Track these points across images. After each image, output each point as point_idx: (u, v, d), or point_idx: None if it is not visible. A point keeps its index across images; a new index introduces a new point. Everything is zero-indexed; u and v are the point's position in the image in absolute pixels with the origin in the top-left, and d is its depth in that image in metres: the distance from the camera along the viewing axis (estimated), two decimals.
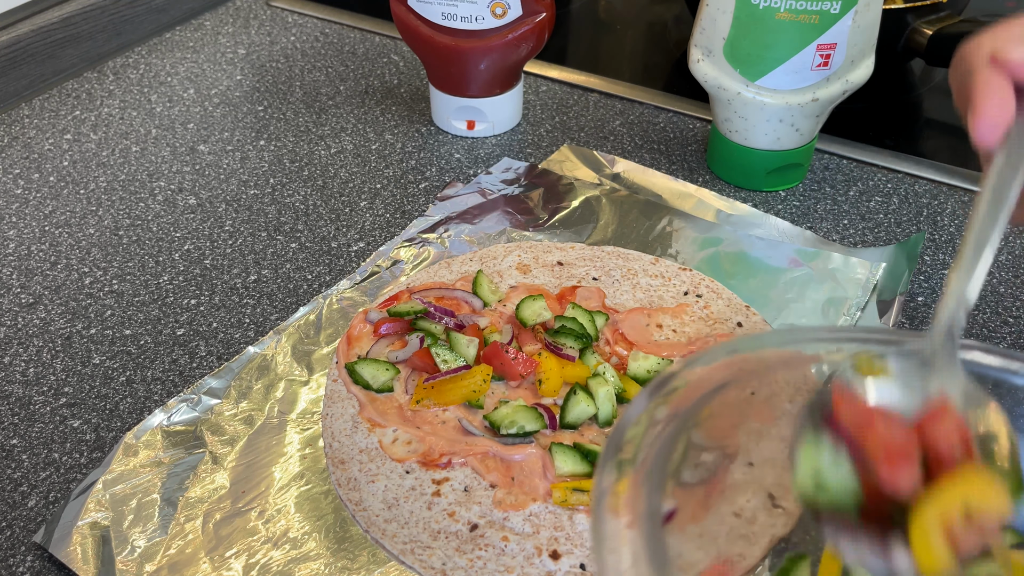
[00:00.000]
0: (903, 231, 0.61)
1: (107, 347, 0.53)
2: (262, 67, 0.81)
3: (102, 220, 0.63)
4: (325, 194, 0.65)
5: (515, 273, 0.56)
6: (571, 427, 0.46)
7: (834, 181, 0.66)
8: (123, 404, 0.50)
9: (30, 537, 0.43)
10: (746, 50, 0.59)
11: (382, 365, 0.49)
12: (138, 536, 0.42)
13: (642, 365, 0.49)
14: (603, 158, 0.67)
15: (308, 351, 0.52)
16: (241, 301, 0.56)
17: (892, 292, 0.54)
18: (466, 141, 0.71)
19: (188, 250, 0.60)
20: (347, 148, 0.70)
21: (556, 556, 0.41)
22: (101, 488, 0.44)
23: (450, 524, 0.42)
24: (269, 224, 0.63)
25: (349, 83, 0.79)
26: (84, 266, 0.59)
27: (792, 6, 0.56)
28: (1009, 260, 0.59)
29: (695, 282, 0.55)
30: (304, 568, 0.41)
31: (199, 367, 0.52)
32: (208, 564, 0.41)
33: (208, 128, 0.73)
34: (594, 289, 0.55)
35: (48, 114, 0.75)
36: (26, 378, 0.51)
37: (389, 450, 0.45)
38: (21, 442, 0.48)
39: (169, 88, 0.78)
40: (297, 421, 0.48)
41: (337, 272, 0.59)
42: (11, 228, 0.63)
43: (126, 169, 0.68)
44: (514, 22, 0.66)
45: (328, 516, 0.43)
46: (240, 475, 0.45)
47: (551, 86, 0.78)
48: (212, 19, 0.89)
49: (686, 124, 0.73)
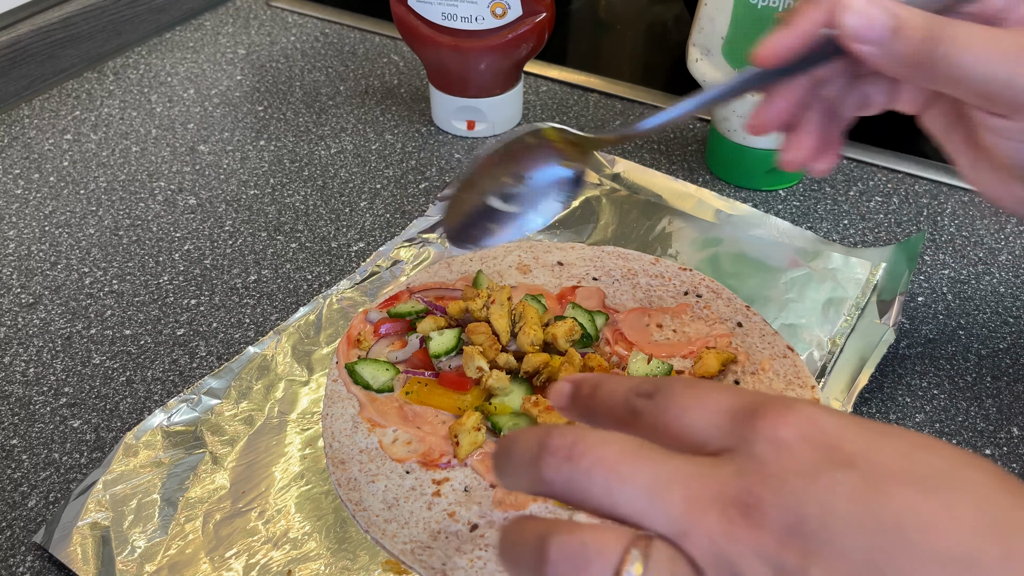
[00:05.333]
0: (903, 231, 0.61)
1: (107, 347, 0.53)
2: (262, 67, 0.81)
3: (102, 220, 0.63)
4: (325, 194, 0.66)
5: (515, 273, 0.56)
6: None
7: (834, 181, 0.66)
8: (123, 404, 0.50)
9: (30, 537, 0.43)
10: (745, 50, 0.59)
11: (382, 365, 0.49)
12: (138, 536, 0.42)
13: (640, 368, 0.49)
14: (603, 158, 0.67)
15: (308, 351, 0.52)
16: (241, 301, 0.56)
17: (892, 292, 0.54)
18: (466, 141, 0.71)
19: (188, 250, 0.60)
20: (347, 148, 0.70)
21: None
22: (101, 488, 0.44)
23: (450, 524, 0.42)
24: (269, 224, 0.63)
25: (349, 83, 0.79)
26: (84, 266, 0.59)
27: (791, 5, 0.56)
28: (1009, 260, 0.59)
29: (695, 282, 0.55)
30: (304, 568, 0.41)
31: (199, 367, 0.52)
32: (208, 564, 0.41)
33: (208, 128, 0.73)
34: (594, 289, 0.55)
35: (48, 114, 0.75)
36: (26, 378, 0.51)
37: (389, 450, 0.45)
38: (21, 442, 0.48)
39: (169, 88, 0.78)
40: (297, 421, 0.48)
41: (337, 272, 0.59)
42: (11, 228, 0.63)
43: (126, 169, 0.68)
44: (514, 22, 0.66)
45: (328, 516, 0.43)
46: (240, 475, 0.45)
47: (551, 86, 0.78)
48: (212, 19, 0.89)
49: (686, 124, 0.73)
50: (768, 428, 0.25)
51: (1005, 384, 0.51)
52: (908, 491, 0.23)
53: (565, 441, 0.27)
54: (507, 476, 0.29)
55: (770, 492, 0.24)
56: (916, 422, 0.48)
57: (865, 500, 0.23)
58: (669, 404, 0.28)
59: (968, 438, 0.48)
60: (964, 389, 0.50)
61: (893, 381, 0.51)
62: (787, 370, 0.49)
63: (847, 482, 0.24)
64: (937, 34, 0.38)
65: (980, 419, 0.49)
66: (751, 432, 0.26)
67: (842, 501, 0.23)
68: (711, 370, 0.48)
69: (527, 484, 0.28)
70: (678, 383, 0.28)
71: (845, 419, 0.26)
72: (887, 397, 0.50)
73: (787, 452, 0.25)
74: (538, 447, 0.27)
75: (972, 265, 0.59)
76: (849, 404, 0.48)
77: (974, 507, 0.23)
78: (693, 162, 0.69)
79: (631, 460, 0.26)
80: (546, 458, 0.27)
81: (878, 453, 0.24)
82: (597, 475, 0.26)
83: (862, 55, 0.39)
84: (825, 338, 0.52)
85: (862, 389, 0.49)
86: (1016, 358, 0.52)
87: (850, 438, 0.25)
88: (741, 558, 0.24)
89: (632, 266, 0.56)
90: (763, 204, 0.64)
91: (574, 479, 0.26)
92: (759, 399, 0.27)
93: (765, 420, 0.26)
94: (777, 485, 0.24)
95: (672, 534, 0.25)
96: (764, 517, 0.24)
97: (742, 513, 0.24)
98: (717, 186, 0.66)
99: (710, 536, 0.24)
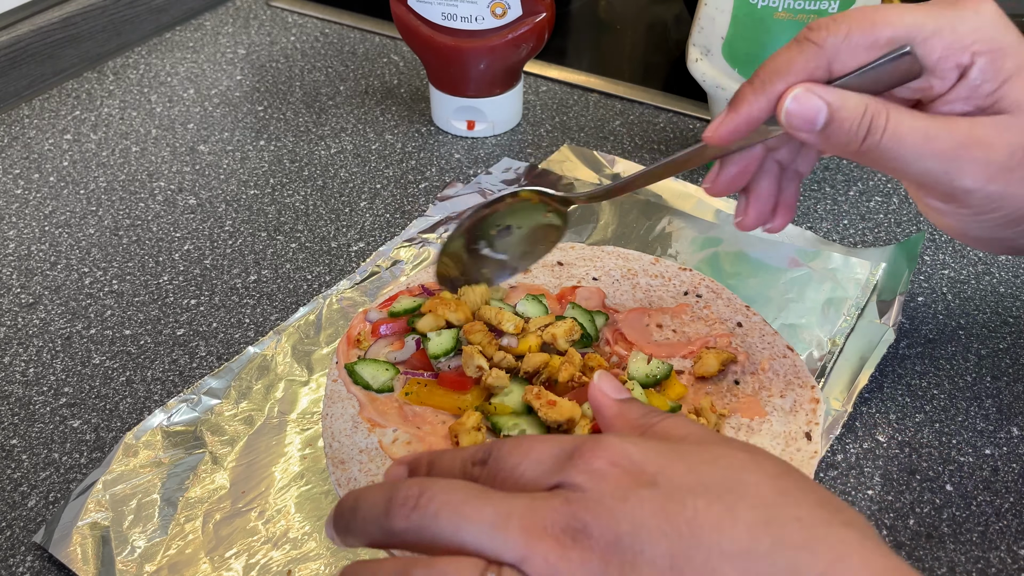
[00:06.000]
0: (903, 231, 0.61)
1: (107, 347, 0.53)
2: (262, 67, 0.81)
3: (102, 220, 0.63)
4: (325, 194, 0.66)
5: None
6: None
7: (834, 181, 0.66)
8: (123, 404, 0.50)
9: (30, 537, 0.43)
10: (744, 49, 0.59)
11: (382, 365, 0.49)
12: (138, 536, 0.42)
13: (640, 368, 0.48)
14: (603, 158, 0.67)
15: (308, 351, 0.52)
16: (241, 301, 0.56)
17: (892, 292, 0.54)
18: (466, 141, 0.71)
19: (188, 250, 0.60)
20: (347, 148, 0.70)
21: None
22: (101, 488, 0.44)
23: None
24: (269, 224, 0.63)
25: (349, 83, 0.79)
26: (84, 266, 0.59)
27: (790, 5, 0.56)
28: (1009, 260, 0.59)
29: (695, 282, 0.55)
30: (304, 568, 0.41)
31: (199, 367, 0.52)
32: (208, 564, 0.41)
33: (208, 128, 0.73)
34: (594, 289, 0.55)
35: (48, 114, 0.75)
36: (26, 378, 0.51)
37: (389, 450, 0.45)
38: (21, 442, 0.48)
39: (169, 88, 0.78)
40: (297, 421, 0.48)
41: (337, 272, 0.59)
42: (11, 228, 0.63)
43: (126, 169, 0.68)
44: (514, 22, 0.66)
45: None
46: (240, 475, 0.45)
47: (551, 86, 0.78)
48: (212, 19, 0.89)
49: (686, 124, 0.73)
50: (583, 462, 0.30)
51: (1005, 384, 0.51)
52: (699, 500, 0.28)
53: (412, 492, 0.30)
54: (351, 534, 0.31)
55: (592, 515, 0.28)
56: (916, 422, 0.48)
57: (665, 512, 0.28)
58: (500, 466, 0.31)
59: (968, 438, 0.48)
60: (964, 389, 0.50)
61: (893, 381, 0.51)
62: (787, 370, 0.49)
63: (651, 498, 0.28)
64: (875, 124, 0.39)
65: (980, 419, 0.49)
66: (571, 467, 0.30)
67: (648, 515, 0.28)
68: (711, 370, 0.48)
69: (377, 537, 0.31)
70: (505, 445, 0.32)
71: (647, 445, 0.30)
72: (887, 397, 0.50)
73: (601, 478, 0.29)
74: (386, 501, 0.30)
75: (972, 265, 0.59)
76: (849, 404, 0.48)
77: (750, 507, 0.28)
78: None
79: (474, 502, 0.29)
80: (395, 509, 0.30)
81: (673, 471, 0.29)
82: (444, 517, 0.29)
83: (800, 139, 0.41)
84: (825, 338, 0.52)
85: (862, 389, 0.49)
86: (1016, 358, 0.52)
87: (651, 460, 0.30)
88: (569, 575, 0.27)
89: (632, 266, 0.56)
90: None
91: (424, 524, 0.29)
92: (576, 440, 0.31)
93: (581, 456, 0.30)
94: (597, 508, 0.28)
95: (515, 560, 0.28)
96: (589, 539, 0.28)
97: (572, 537, 0.28)
98: None
99: (546, 559, 0.28)
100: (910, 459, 0.47)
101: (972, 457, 0.47)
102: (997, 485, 0.45)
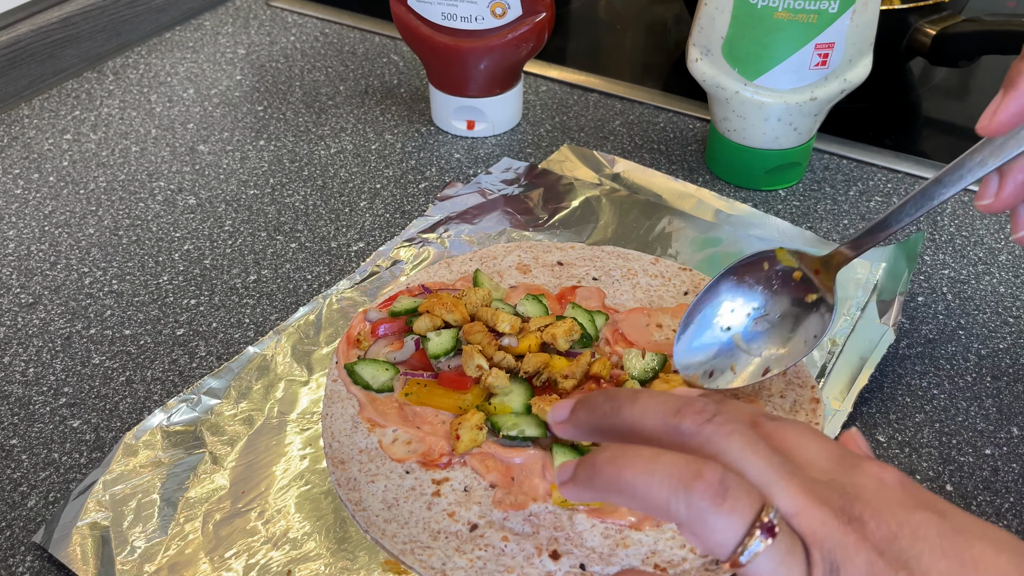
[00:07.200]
0: (903, 231, 0.61)
1: (107, 347, 0.53)
2: (262, 67, 0.81)
3: (102, 220, 0.63)
4: (325, 194, 0.66)
5: (515, 273, 0.56)
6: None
7: (834, 181, 0.66)
8: (123, 404, 0.50)
9: (30, 537, 0.43)
10: (744, 49, 0.59)
11: (382, 365, 0.49)
12: (138, 536, 0.42)
13: (637, 364, 0.49)
14: (603, 158, 0.67)
15: (308, 351, 0.52)
16: (241, 301, 0.56)
17: (892, 292, 0.54)
18: (466, 141, 0.71)
19: (188, 250, 0.60)
20: (347, 148, 0.70)
21: (556, 556, 0.41)
22: (101, 488, 0.44)
23: (450, 524, 0.42)
24: (269, 224, 0.63)
25: (349, 83, 0.79)
26: (84, 266, 0.59)
27: (790, 5, 0.56)
28: (1009, 260, 0.59)
29: (695, 282, 0.55)
30: (304, 568, 0.41)
31: (199, 367, 0.52)
32: (208, 565, 0.41)
33: (208, 128, 0.73)
34: (594, 289, 0.55)
35: (48, 114, 0.75)
36: (26, 378, 0.51)
37: (389, 450, 0.45)
38: (21, 442, 0.48)
39: (169, 88, 0.78)
40: (297, 421, 0.48)
41: (337, 272, 0.59)
42: (11, 228, 0.63)
43: (126, 169, 0.68)
44: (514, 22, 0.66)
45: (328, 516, 0.43)
46: (240, 475, 0.45)
47: (551, 86, 0.78)
48: (212, 19, 0.89)
49: (686, 124, 0.73)
50: (875, 470, 0.31)
51: (1005, 384, 0.51)
52: (986, 544, 0.29)
53: (709, 408, 0.31)
54: (620, 414, 0.32)
55: (870, 512, 0.29)
56: (916, 422, 0.48)
57: (952, 539, 0.29)
58: (787, 435, 0.32)
59: (968, 438, 0.48)
60: (964, 389, 0.50)
61: (893, 381, 0.51)
62: (787, 370, 0.49)
63: (939, 523, 0.29)
64: None
65: (980, 419, 0.49)
66: (858, 471, 0.31)
67: (934, 535, 0.28)
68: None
69: (652, 425, 0.31)
70: (793, 423, 0.33)
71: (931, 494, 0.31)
72: (887, 397, 0.50)
73: (890, 490, 0.30)
74: (678, 403, 0.31)
75: (972, 265, 0.59)
76: (849, 404, 0.48)
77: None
78: (693, 162, 0.68)
79: (762, 445, 0.30)
80: (689, 413, 0.31)
81: (962, 515, 0.30)
82: (735, 441, 0.30)
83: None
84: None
85: (862, 389, 0.49)
86: (1016, 358, 0.52)
87: (940, 501, 0.30)
88: (842, 548, 0.28)
89: (632, 266, 0.56)
90: (763, 204, 0.64)
91: (713, 439, 0.30)
92: (859, 456, 0.32)
93: (872, 464, 0.31)
94: (878, 508, 0.29)
95: (788, 511, 0.29)
96: (864, 527, 0.29)
97: (847, 519, 0.29)
98: (717, 186, 0.66)
99: (824, 522, 0.28)
100: (910, 459, 0.47)
101: (972, 457, 0.47)
102: (997, 485, 0.45)
